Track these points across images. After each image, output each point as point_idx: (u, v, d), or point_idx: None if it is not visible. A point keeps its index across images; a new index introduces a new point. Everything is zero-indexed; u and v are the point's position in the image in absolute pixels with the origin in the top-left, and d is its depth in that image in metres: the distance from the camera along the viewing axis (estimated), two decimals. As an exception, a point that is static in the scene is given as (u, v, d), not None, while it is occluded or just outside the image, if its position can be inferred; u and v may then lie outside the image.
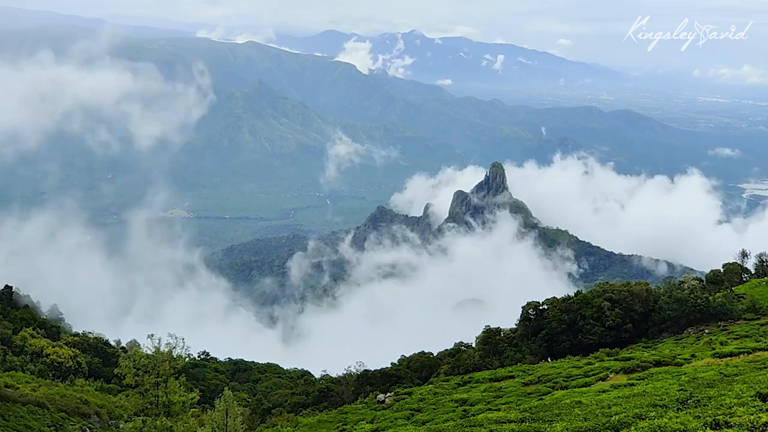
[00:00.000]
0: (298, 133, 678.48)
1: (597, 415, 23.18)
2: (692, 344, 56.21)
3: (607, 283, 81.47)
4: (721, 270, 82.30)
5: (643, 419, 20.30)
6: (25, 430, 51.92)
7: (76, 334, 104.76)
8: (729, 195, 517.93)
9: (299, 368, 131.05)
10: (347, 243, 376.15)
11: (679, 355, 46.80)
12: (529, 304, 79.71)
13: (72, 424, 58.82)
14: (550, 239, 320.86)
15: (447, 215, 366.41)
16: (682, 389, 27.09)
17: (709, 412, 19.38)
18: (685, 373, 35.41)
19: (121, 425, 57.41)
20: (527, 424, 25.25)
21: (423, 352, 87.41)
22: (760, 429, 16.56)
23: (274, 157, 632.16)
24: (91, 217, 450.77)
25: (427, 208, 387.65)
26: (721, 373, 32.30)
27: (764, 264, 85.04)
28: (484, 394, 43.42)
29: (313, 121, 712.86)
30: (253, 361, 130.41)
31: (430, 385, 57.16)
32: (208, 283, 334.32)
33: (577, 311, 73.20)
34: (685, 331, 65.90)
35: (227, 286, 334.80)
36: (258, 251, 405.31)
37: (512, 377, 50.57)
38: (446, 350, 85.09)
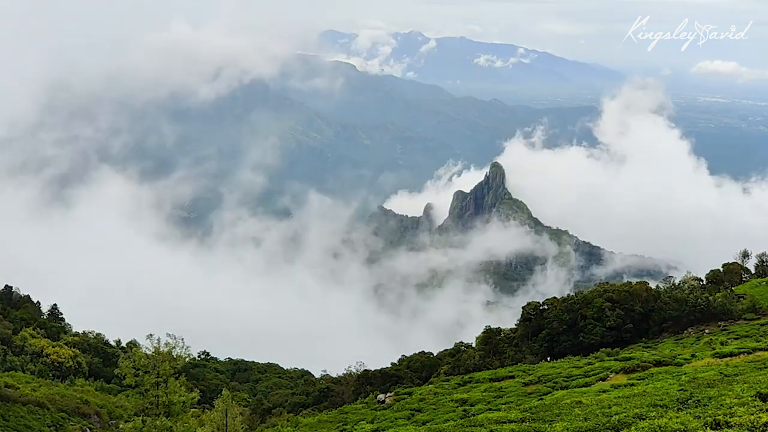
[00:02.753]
0: (298, 133, 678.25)
1: (597, 415, 23.15)
2: (692, 344, 56.17)
3: (607, 282, 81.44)
4: (721, 270, 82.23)
5: (644, 419, 20.28)
6: (26, 430, 51.88)
7: (76, 334, 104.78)
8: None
9: (299, 368, 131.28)
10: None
11: (679, 355, 46.81)
12: (529, 304, 79.79)
13: (72, 424, 58.81)
14: (549, 239, 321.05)
15: (447, 215, 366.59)
16: (682, 389, 27.07)
17: (710, 412, 19.35)
18: (685, 373, 35.41)
19: (121, 425, 57.37)
20: (527, 424, 25.22)
21: (423, 352, 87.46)
22: (760, 429, 16.52)
23: (274, 157, 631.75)
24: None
25: (427, 208, 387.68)
26: (721, 373, 32.28)
27: (764, 264, 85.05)
28: (484, 394, 43.43)
29: (313, 121, 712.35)
30: (254, 361, 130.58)
31: (430, 385, 57.16)
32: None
33: (578, 311, 73.18)
34: (686, 331, 65.87)
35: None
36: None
37: (512, 377, 50.59)
38: (446, 350, 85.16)
